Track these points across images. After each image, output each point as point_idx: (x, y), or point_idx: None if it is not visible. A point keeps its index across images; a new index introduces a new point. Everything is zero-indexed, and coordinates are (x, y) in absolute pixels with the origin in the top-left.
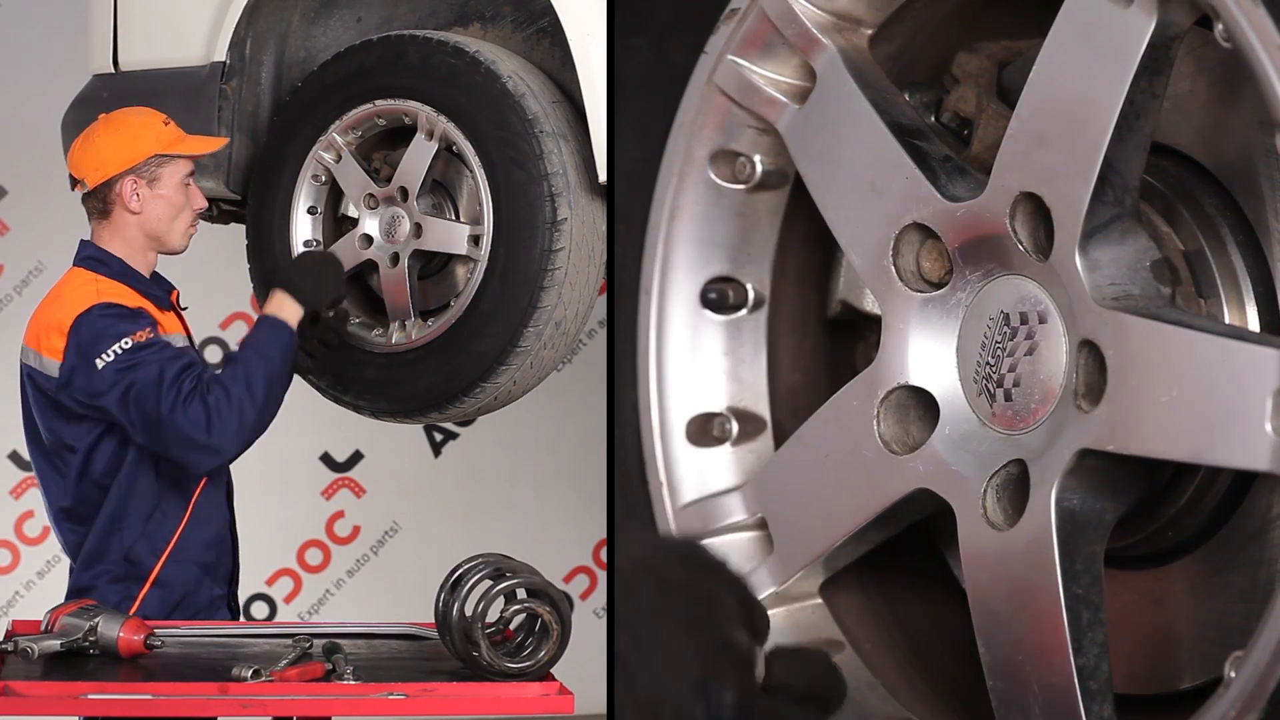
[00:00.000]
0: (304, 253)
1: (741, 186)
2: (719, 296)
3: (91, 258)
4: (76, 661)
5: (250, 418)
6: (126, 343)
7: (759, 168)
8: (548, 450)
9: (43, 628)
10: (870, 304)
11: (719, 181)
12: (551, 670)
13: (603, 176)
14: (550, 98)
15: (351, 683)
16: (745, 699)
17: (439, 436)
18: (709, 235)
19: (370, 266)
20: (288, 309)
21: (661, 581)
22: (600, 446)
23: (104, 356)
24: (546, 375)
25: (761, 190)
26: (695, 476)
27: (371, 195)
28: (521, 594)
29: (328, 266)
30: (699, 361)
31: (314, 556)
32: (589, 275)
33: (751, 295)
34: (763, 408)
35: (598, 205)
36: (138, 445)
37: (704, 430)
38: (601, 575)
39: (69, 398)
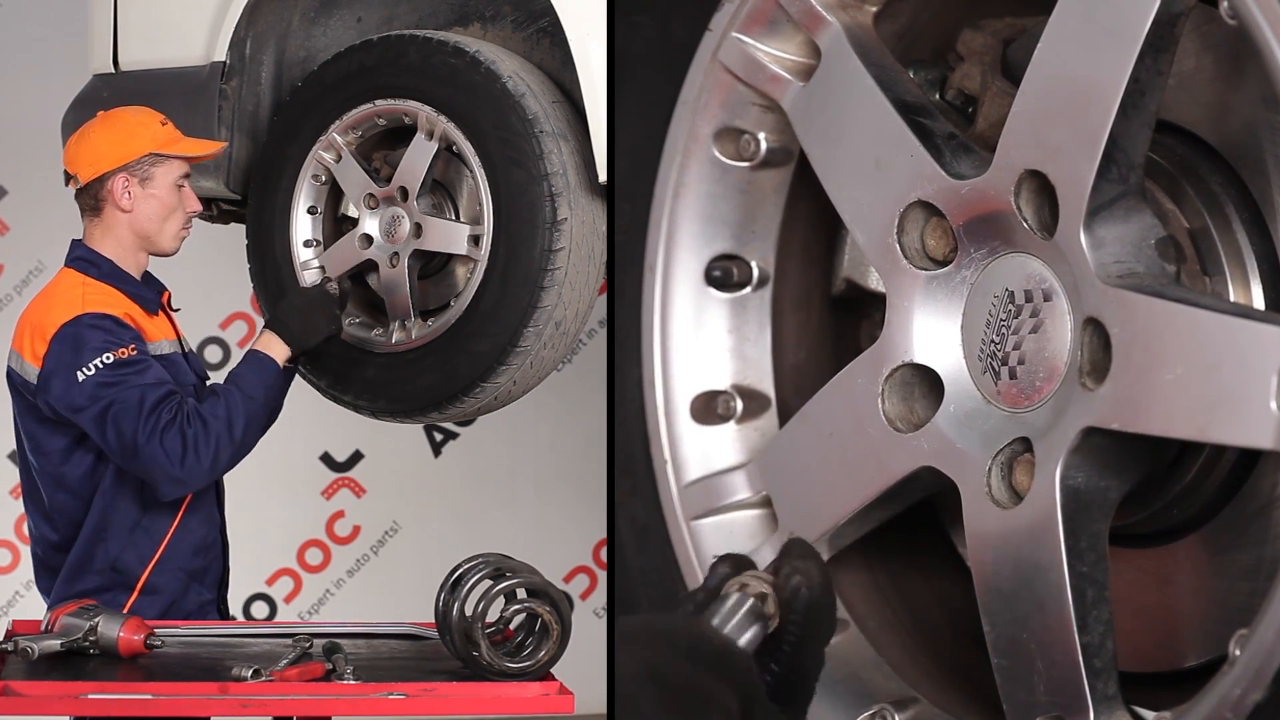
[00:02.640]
0: (297, 291)
1: (746, 164)
2: (723, 274)
3: (82, 258)
4: (76, 661)
5: (225, 456)
6: (108, 358)
7: (763, 145)
8: (548, 450)
9: (43, 628)
10: (875, 282)
11: (723, 159)
12: (551, 670)
13: (603, 176)
14: (550, 98)
15: (351, 683)
16: None
17: (439, 436)
18: (713, 213)
19: (370, 266)
20: (275, 348)
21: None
22: (600, 447)
23: (85, 370)
24: (546, 375)
25: (766, 168)
26: (699, 454)
27: (371, 195)
28: (521, 594)
29: (317, 305)
30: (703, 339)
31: (314, 556)
32: (589, 275)
33: (756, 273)
34: (767, 385)
35: (598, 205)
36: None
37: (708, 408)
38: (601, 575)
39: (44, 403)
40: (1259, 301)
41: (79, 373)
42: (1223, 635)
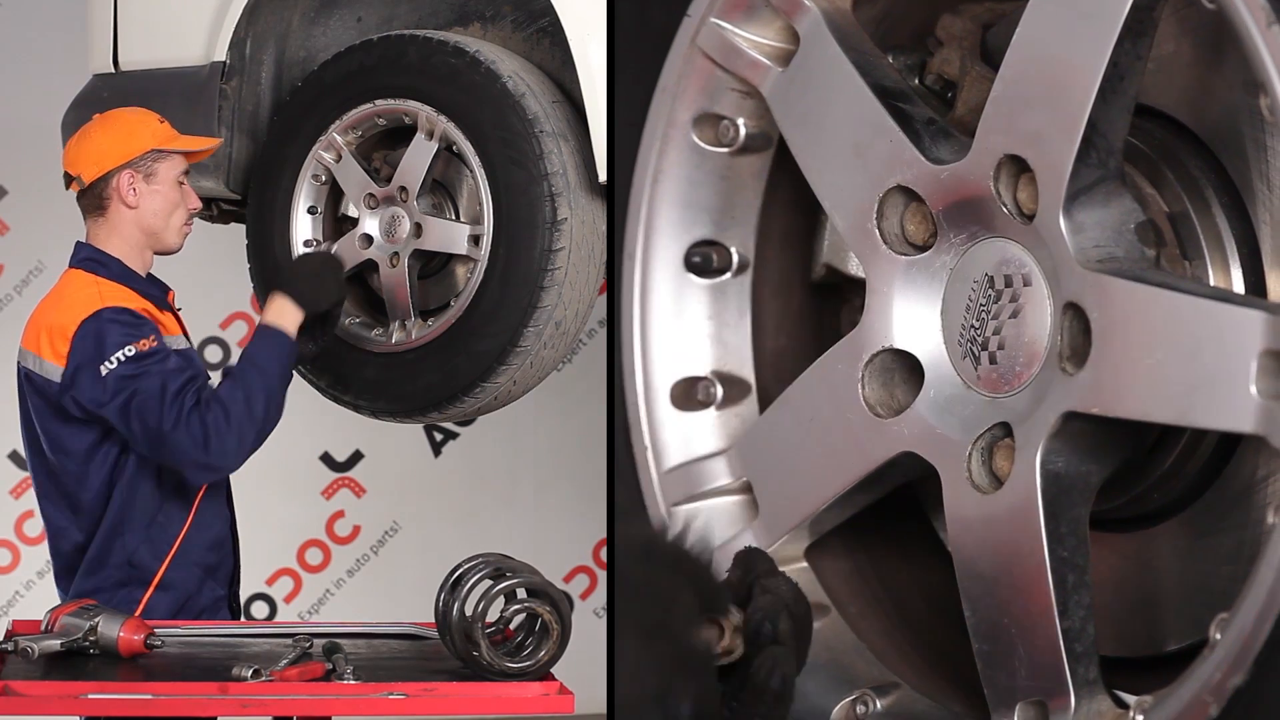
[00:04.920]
0: (303, 255)
1: (725, 150)
2: (703, 260)
3: (90, 259)
4: (76, 661)
5: (250, 435)
6: (130, 350)
7: (742, 131)
8: (548, 450)
9: (43, 628)
10: (854, 267)
11: (702, 145)
12: (551, 670)
13: (603, 176)
14: (550, 98)
15: (351, 683)
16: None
17: (439, 436)
18: (692, 199)
19: (370, 266)
20: (287, 315)
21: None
22: (600, 447)
23: (109, 363)
24: (546, 375)
25: (745, 153)
26: (680, 441)
27: (371, 195)
28: (521, 594)
29: (328, 269)
30: (683, 325)
31: (314, 556)
32: (589, 275)
33: (735, 259)
34: (747, 371)
35: (598, 205)
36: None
37: (688, 394)
38: (601, 575)
39: (71, 401)
40: (1238, 285)
41: (102, 367)
42: (1203, 619)
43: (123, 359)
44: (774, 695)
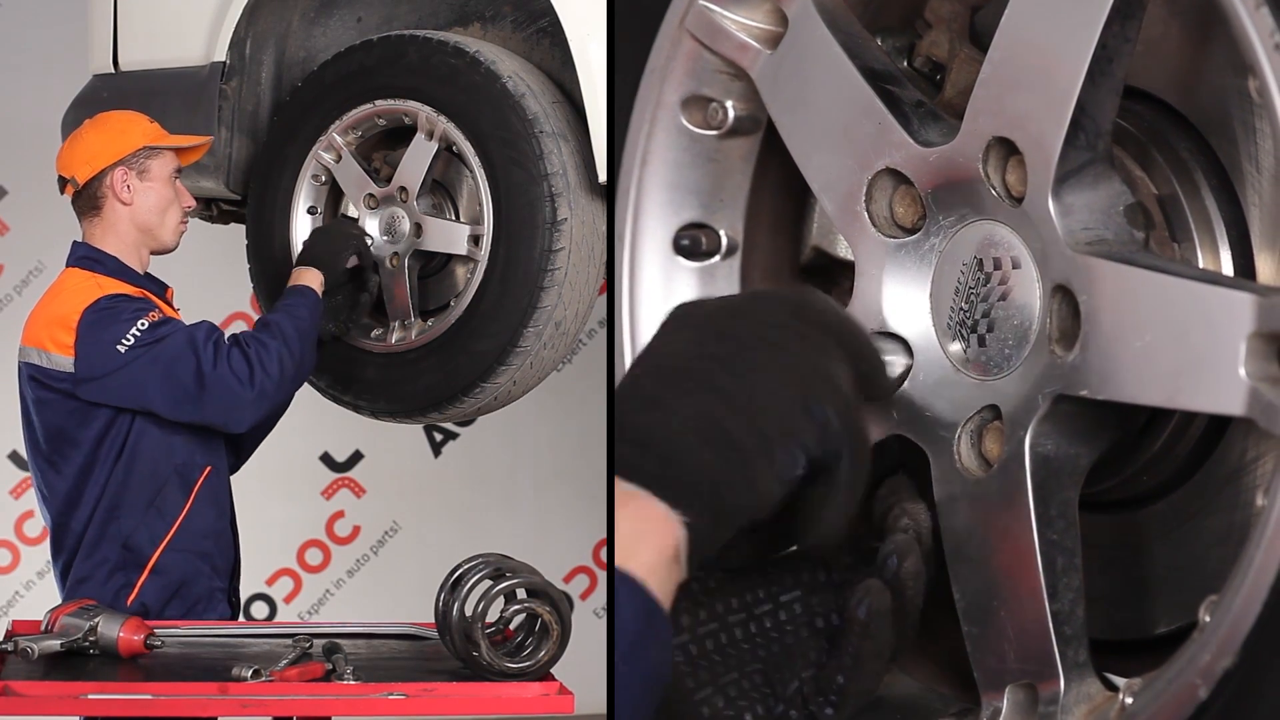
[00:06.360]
0: (315, 229)
1: (713, 132)
2: (691, 243)
3: (86, 257)
4: (76, 661)
5: (289, 366)
6: (143, 324)
7: (731, 113)
8: (548, 450)
9: (43, 628)
10: (843, 250)
11: (691, 127)
12: (551, 670)
13: (603, 176)
14: (550, 98)
15: (351, 683)
16: None
17: (439, 436)
18: (681, 181)
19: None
20: (308, 277)
21: None
22: (600, 447)
23: (124, 341)
24: (546, 375)
25: (734, 136)
26: None
27: (371, 195)
28: (521, 594)
29: (336, 228)
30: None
31: (314, 556)
32: (589, 275)
33: (724, 242)
34: None
35: (598, 205)
36: (139, 434)
37: None
38: (601, 575)
39: (90, 390)
40: (1227, 268)
41: (119, 345)
42: (1193, 602)
43: (138, 333)
44: (860, 628)
